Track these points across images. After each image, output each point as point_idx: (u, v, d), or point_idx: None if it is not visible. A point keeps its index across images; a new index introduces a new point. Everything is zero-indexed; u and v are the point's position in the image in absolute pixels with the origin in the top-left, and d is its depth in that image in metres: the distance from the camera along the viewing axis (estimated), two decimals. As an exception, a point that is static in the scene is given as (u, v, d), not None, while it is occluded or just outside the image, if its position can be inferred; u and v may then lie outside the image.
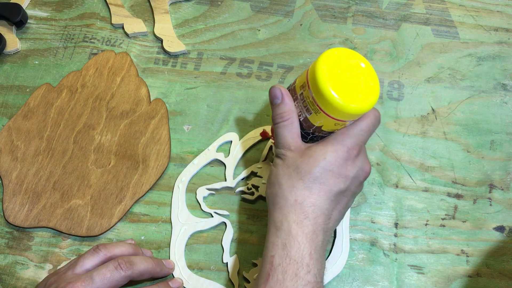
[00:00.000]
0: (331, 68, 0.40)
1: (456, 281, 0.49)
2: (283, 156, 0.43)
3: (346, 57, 0.41)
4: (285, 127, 0.43)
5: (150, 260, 0.46)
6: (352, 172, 0.42)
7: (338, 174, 0.41)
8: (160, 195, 0.53)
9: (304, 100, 0.42)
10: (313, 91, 0.40)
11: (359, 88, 0.40)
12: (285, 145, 0.43)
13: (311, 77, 0.41)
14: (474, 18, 0.63)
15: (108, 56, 0.60)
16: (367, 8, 0.63)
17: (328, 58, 0.40)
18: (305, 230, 0.40)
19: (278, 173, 0.43)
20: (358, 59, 0.42)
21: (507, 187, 0.53)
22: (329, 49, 0.41)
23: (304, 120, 0.43)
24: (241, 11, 0.63)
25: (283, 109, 0.43)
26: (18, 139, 0.55)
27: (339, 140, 0.42)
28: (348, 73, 0.40)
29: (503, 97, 0.58)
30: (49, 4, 0.64)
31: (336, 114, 0.40)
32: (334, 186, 0.41)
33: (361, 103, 0.40)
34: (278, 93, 0.44)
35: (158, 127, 0.56)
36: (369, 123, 0.43)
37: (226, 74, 0.59)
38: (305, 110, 0.42)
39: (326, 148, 0.42)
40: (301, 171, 0.41)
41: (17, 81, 0.59)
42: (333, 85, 0.39)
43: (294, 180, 0.41)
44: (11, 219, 0.51)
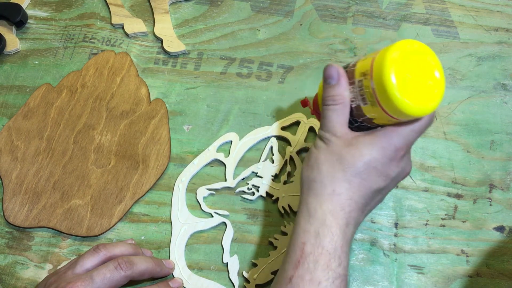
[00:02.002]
0: (401, 64, 0.37)
1: (456, 281, 0.49)
2: (328, 141, 0.41)
3: (419, 53, 0.38)
4: (336, 111, 0.41)
5: (150, 260, 0.46)
6: (395, 172, 0.41)
7: (381, 172, 0.40)
8: (160, 195, 0.53)
9: (362, 89, 0.39)
10: (376, 84, 0.37)
11: (425, 90, 0.37)
12: (331, 130, 0.41)
13: (377, 69, 0.37)
14: (474, 18, 0.63)
15: (108, 56, 0.60)
16: (367, 8, 0.63)
17: (400, 52, 0.37)
18: (340, 221, 0.39)
19: (319, 158, 0.41)
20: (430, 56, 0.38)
21: (507, 187, 0.53)
22: (402, 41, 0.38)
23: (356, 108, 0.40)
24: (241, 11, 0.63)
25: (337, 91, 0.41)
26: (18, 139, 0.55)
27: (389, 137, 0.40)
28: (418, 72, 0.37)
29: (503, 97, 0.58)
30: (49, 4, 0.64)
31: (394, 113, 0.38)
32: (374, 184, 0.40)
33: (424, 107, 0.37)
34: (334, 73, 0.41)
35: (158, 127, 0.56)
36: (422, 125, 0.40)
37: (226, 74, 0.59)
38: (361, 99, 0.39)
39: (374, 143, 0.39)
40: (344, 161, 0.39)
41: (17, 81, 0.59)
42: (399, 84, 0.36)
43: (336, 169, 0.40)
44: (11, 219, 0.51)
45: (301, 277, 0.38)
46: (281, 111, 0.57)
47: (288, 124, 0.56)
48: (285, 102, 0.57)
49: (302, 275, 0.38)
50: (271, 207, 0.52)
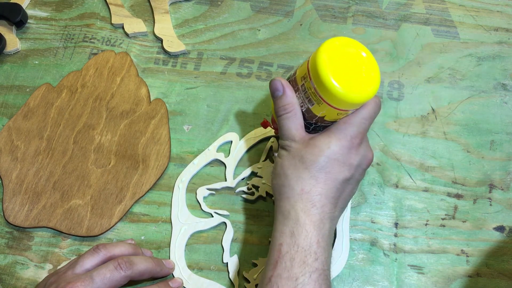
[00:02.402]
0: (333, 58, 0.40)
1: (456, 281, 0.49)
2: (288, 147, 0.43)
3: (347, 46, 0.41)
4: (289, 118, 0.43)
5: (150, 260, 0.46)
6: (356, 160, 0.43)
7: (342, 163, 0.42)
8: (160, 195, 0.53)
9: (306, 91, 0.42)
10: (315, 82, 0.41)
11: (361, 77, 0.40)
12: (289, 137, 0.44)
13: (312, 68, 0.41)
14: (474, 18, 0.63)
15: (108, 56, 0.60)
16: (367, 8, 0.63)
17: (329, 48, 0.40)
18: (313, 218, 0.40)
19: (284, 164, 0.43)
20: (359, 48, 0.42)
21: (507, 187, 0.53)
22: (329, 39, 0.41)
23: (307, 111, 0.43)
24: (241, 11, 0.63)
25: (286, 101, 0.43)
26: (18, 139, 0.55)
27: (342, 129, 0.43)
28: (349, 62, 0.40)
29: (503, 97, 0.58)
30: (49, 4, 0.64)
31: (338, 104, 0.41)
32: (339, 175, 0.42)
33: (363, 92, 0.40)
34: (279, 86, 0.44)
35: (158, 127, 0.56)
36: (371, 111, 0.43)
37: (226, 74, 0.59)
38: (307, 101, 0.42)
39: (330, 138, 0.42)
40: (306, 161, 0.42)
41: (17, 81, 0.59)
42: (335, 75, 0.39)
43: (300, 170, 0.42)
44: (11, 219, 0.51)
45: (279, 276, 0.39)
46: (281, 111, 0.57)
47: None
48: (285, 102, 0.57)
49: (280, 273, 0.40)
50: (271, 207, 0.52)
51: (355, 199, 0.52)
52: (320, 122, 0.44)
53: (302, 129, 0.44)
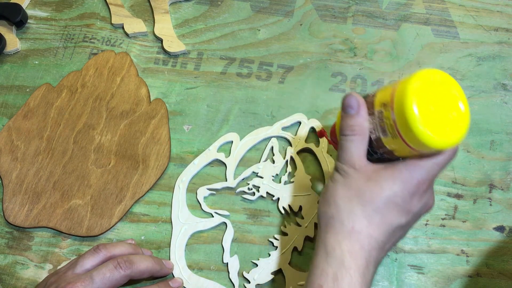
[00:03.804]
0: (423, 96, 0.35)
1: (456, 281, 0.49)
2: (345, 174, 0.39)
3: (441, 84, 0.36)
4: (354, 141, 0.39)
5: (150, 259, 0.46)
6: (417, 207, 0.39)
7: (402, 208, 0.38)
8: (160, 195, 0.53)
9: (382, 120, 0.37)
10: (397, 117, 0.36)
11: (450, 122, 0.35)
12: (349, 162, 0.39)
13: (398, 100, 0.35)
14: (474, 18, 0.63)
15: (108, 56, 0.60)
16: (367, 8, 0.63)
17: (422, 83, 0.35)
18: (359, 262, 0.37)
19: (337, 192, 0.39)
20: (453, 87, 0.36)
21: (507, 187, 0.53)
22: (423, 71, 0.36)
23: (376, 140, 0.39)
24: (241, 11, 0.63)
25: (357, 121, 0.39)
26: (18, 139, 0.55)
27: (411, 170, 0.38)
28: (441, 104, 0.35)
29: (503, 97, 0.58)
30: (49, 4, 0.64)
31: (417, 145, 0.36)
32: (395, 220, 0.38)
33: (449, 139, 0.35)
34: (354, 103, 0.39)
35: (158, 127, 0.56)
36: (446, 157, 0.38)
37: (226, 74, 0.59)
38: (380, 130, 0.38)
39: (395, 177, 0.38)
40: (363, 196, 0.38)
41: (17, 81, 0.59)
42: (423, 117, 0.34)
43: (354, 204, 0.38)
44: (11, 219, 0.51)
45: None
46: (281, 111, 0.57)
47: (289, 125, 0.56)
48: (285, 102, 0.57)
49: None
50: (272, 207, 0.52)
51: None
52: (386, 154, 0.39)
53: (365, 157, 0.39)
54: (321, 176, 0.53)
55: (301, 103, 0.57)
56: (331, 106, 0.57)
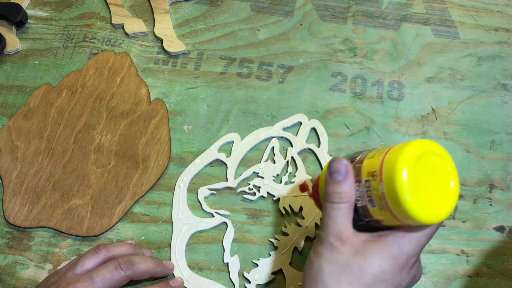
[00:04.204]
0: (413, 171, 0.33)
1: (456, 281, 0.49)
2: (331, 247, 0.37)
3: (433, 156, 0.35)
4: (340, 210, 0.37)
5: (150, 260, 0.46)
6: (406, 281, 0.37)
7: (391, 284, 0.36)
8: (160, 195, 0.53)
9: (369, 190, 0.36)
10: (386, 188, 0.34)
11: (440, 196, 0.35)
12: (336, 233, 0.37)
13: (387, 172, 0.34)
14: (474, 18, 0.63)
15: (108, 56, 0.60)
16: (367, 8, 0.63)
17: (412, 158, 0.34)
18: None
19: (323, 268, 0.37)
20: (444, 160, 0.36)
21: (507, 187, 0.53)
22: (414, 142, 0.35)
23: (362, 208, 0.37)
24: (241, 11, 0.63)
25: (343, 189, 0.37)
26: (18, 139, 0.55)
27: (400, 244, 0.36)
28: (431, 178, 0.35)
29: (503, 97, 0.58)
30: (49, 4, 0.64)
31: (406, 219, 0.34)
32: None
33: (438, 214, 0.34)
34: (342, 168, 0.37)
35: (158, 127, 0.56)
36: (434, 228, 0.37)
37: (226, 74, 0.59)
38: (368, 201, 0.36)
39: (384, 252, 0.36)
40: (351, 274, 0.36)
41: (17, 81, 0.59)
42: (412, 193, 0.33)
43: (343, 283, 0.36)
44: (11, 219, 0.51)
45: None
46: (281, 111, 0.57)
47: (290, 125, 0.56)
48: (285, 102, 0.57)
49: None
50: (272, 207, 0.52)
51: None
52: (373, 223, 0.37)
53: (351, 227, 0.37)
54: (321, 176, 0.53)
55: (301, 103, 0.57)
56: (331, 106, 0.57)
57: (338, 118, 0.57)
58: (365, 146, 0.55)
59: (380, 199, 0.35)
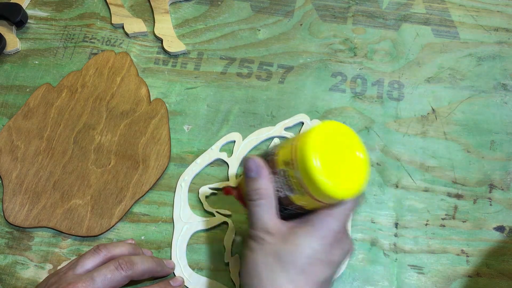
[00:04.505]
0: (324, 152, 0.35)
1: (456, 281, 0.49)
2: (261, 240, 0.38)
3: (338, 134, 0.37)
4: (261, 206, 0.38)
5: (151, 260, 0.46)
6: (339, 256, 0.39)
7: (325, 262, 0.38)
8: (160, 195, 0.53)
9: (287, 179, 0.37)
10: (302, 174, 0.36)
11: (353, 170, 0.37)
12: (262, 227, 0.38)
13: (300, 159, 0.36)
14: (474, 18, 0.63)
15: (108, 56, 0.60)
16: (367, 8, 0.63)
17: (321, 139, 0.36)
18: None
19: (256, 261, 0.38)
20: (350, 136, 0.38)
21: (507, 187, 0.53)
22: (318, 126, 0.37)
23: (284, 198, 0.39)
24: (241, 11, 0.63)
25: (259, 185, 0.39)
26: (18, 139, 0.55)
27: (325, 223, 0.38)
28: (341, 155, 0.37)
29: (503, 97, 0.58)
30: (49, 4, 0.64)
31: (325, 199, 0.37)
32: (321, 275, 0.37)
33: (353, 188, 0.37)
34: (253, 166, 0.39)
35: (158, 127, 0.56)
36: (355, 202, 0.39)
37: (226, 74, 0.59)
38: (287, 189, 0.38)
39: (312, 234, 0.37)
40: (284, 261, 0.37)
41: (17, 81, 0.59)
42: (326, 171, 0.35)
43: (276, 272, 0.37)
44: (11, 219, 0.51)
45: None
46: (281, 111, 0.57)
47: (291, 125, 0.56)
48: (285, 102, 0.57)
49: None
50: (272, 207, 0.52)
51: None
52: (298, 209, 0.39)
53: (277, 218, 0.39)
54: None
55: (301, 103, 0.57)
56: (331, 106, 0.57)
57: (338, 118, 0.57)
58: (365, 146, 0.55)
59: (298, 186, 0.37)
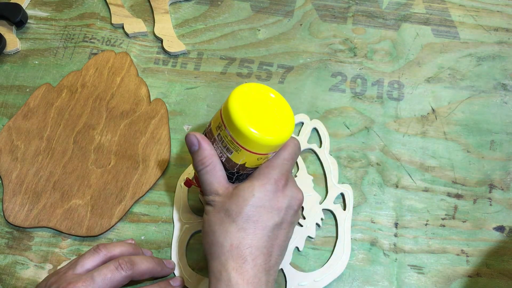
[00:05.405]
0: (244, 104, 0.39)
1: (456, 281, 0.49)
2: (213, 202, 0.42)
3: (256, 91, 0.41)
4: (208, 172, 0.42)
5: (151, 260, 0.46)
6: (284, 202, 0.41)
7: (270, 208, 0.40)
8: (160, 195, 0.53)
9: (222, 141, 0.41)
10: (230, 129, 0.40)
11: (275, 119, 0.40)
12: (212, 191, 0.42)
13: (225, 116, 0.40)
14: (474, 18, 0.63)
15: (108, 56, 0.60)
16: (367, 8, 0.63)
17: (239, 95, 0.40)
18: (246, 276, 0.38)
19: (210, 220, 0.41)
20: (268, 91, 0.42)
21: (507, 187, 0.53)
22: (238, 86, 0.41)
23: (227, 161, 0.42)
24: (241, 11, 0.63)
25: (202, 154, 0.42)
26: (18, 139, 0.55)
27: (265, 173, 0.41)
28: (262, 107, 0.40)
29: (503, 97, 0.58)
30: (49, 4, 0.64)
31: (257, 148, 0.40)
32: (268, 221, 0.40)
33: (279, 133, 0.40)
34: (194, 140, 0.42)
35: (158, 127, 0.56)
36: (291, 152, 0.42)
37: (226, 74, 0.59)
38: (226, 150, 0.41)
39: (253, 184, 0.41)
40: (231, 213, 0.40)
41: (17, 81, 0.59)
42: (249, 120, 0.39)
43: (227, 224, 0.40)
44: (11, 219, 0.51)
45: None
46: (281, 111, 0.57)
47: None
48: (285, 102, 0.57)
49: None
50: (271, 207, 0.52)
51: (355, 199, 0.52)
52: (242, 170, 0.42)
53: (225, 181, 0.42)
54: (323, 176, 0.53)
55: (301, 103, 0.57)
56: (331, 106, 0.57)
57: (338, 118, 0.57)
58: (365, 146, 0.55)
59: (231, 142, 0.40)
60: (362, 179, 0.53)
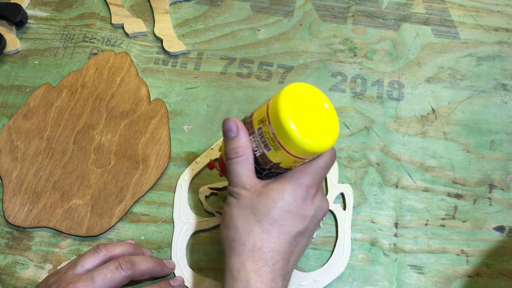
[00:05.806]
0: (294, 104, 0.38)
1: (456, 281, 0.49)
2: (238, 196, 0.41)
3: (308, 93, 0.40)
4: (239, 163, 0.41)
5: (151, 260, 0.46)
6: (311, 211, 0.41)
7: (297, 215, 0.40)
8: (160, 195, 0.53)
9: (262, 136, 0.40)
10: (274, 127, 0.38)
11: (321, 126, 0.39)
12: (239, 183, 0.41)
13: (272, 112, 0.38)
14: (474, 18, 0.63)
15: (108, 56, 0.60)
16: (367, 8, 0.63)
17: (291, 94, 0.39)
18: (264, 279, 0.38)
19: (233, 214, 0.40)
20: (320, 96, 0.41)
21: (507, 187, 0.53)
22: (290, 84, 0.40)
23: (261, 156, 0.41)
24: (241, 11, 0.63)
25: (238, 143, 0.41)
26: (18, 139, 0.55)
27: (297, 178, 0.40)
28: (311, 110, 0.39)
29: (503, 97, 0.58)
30: (49, 4, 0.64)
31: (297, 152, 0.39)
32: (293, 228, 0.40)
33: (323, 142, 0.39)
34: (233, 126, 0.41)
35: (158, 127, 0.56)
36: (327, 160, 0.41)
37: (226, 74, 0.59)
38: (263, 146, 0.40)
39: (284, 187, 0.40)
40: (258, 212, 0.39)
41: (17, 81, 0.59)
42: (296, 122, 0.37)
43: (251, 222, 0.39)
44: (11, 219, 0.51)
45: None
46: (281, 111, 0.57)
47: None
48: (285, 102, 0.57)
49: None
50: (271, 207, 0.52)
51: (355, 199, 0.52)
52: (274, 168, 0.41)
53: (254, 176, 0.41)
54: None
55: (301, 103, 0.57)
56: (331, 106, 0.57)
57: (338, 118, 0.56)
58: (365, 146, 0.55)
59: (272, 140, 0.39)
60: (362, 179, 0.53)
